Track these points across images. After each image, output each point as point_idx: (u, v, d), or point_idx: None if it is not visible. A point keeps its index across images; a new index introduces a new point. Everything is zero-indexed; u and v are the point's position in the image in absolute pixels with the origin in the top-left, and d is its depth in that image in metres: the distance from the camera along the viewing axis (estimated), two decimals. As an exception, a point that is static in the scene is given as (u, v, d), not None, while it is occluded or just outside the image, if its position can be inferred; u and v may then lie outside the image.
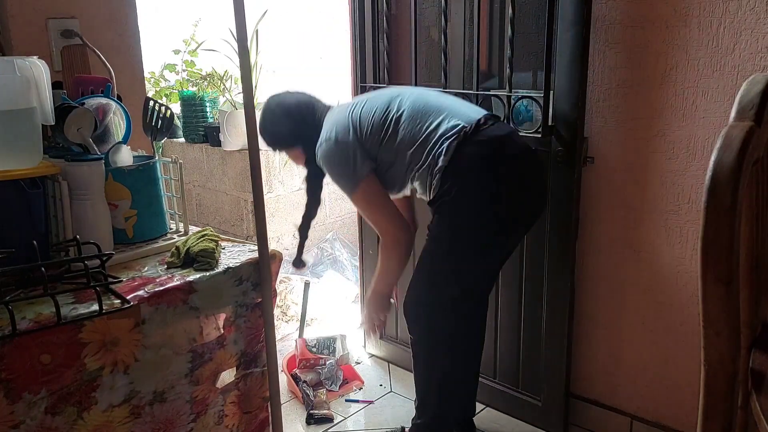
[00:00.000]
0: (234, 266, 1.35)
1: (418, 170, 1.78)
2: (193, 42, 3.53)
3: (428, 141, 1.75)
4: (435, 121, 1.77)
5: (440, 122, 1.76)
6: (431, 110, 1.80)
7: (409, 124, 1.79)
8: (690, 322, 1.89)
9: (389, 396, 2.44)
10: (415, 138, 1.77)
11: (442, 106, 1.81)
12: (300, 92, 2.06)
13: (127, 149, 1.47)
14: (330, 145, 1.85)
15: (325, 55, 3.70)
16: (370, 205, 1.89)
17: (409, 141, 1.78)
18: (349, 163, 1.83)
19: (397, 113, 1.82)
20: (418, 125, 1.78)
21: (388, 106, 1.84)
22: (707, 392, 0.85)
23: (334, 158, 1.86)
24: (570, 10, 1.82)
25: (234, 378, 1.40)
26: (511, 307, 2.19)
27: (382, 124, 1.82)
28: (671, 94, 1.80)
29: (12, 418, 1.05)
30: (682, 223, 1.85)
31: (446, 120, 1.76)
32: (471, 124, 1.74)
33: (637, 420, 2.06)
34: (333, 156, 1.86)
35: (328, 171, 1.91)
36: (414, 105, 1.82)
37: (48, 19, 1.68)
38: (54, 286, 1.17)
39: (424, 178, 1.78)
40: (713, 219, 0.76)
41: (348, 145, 1.83)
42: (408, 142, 1.78)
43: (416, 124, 1.78)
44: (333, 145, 1.85)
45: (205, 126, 3.35)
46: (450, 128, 1.74)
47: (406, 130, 1.79)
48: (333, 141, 1.85)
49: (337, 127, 1.86)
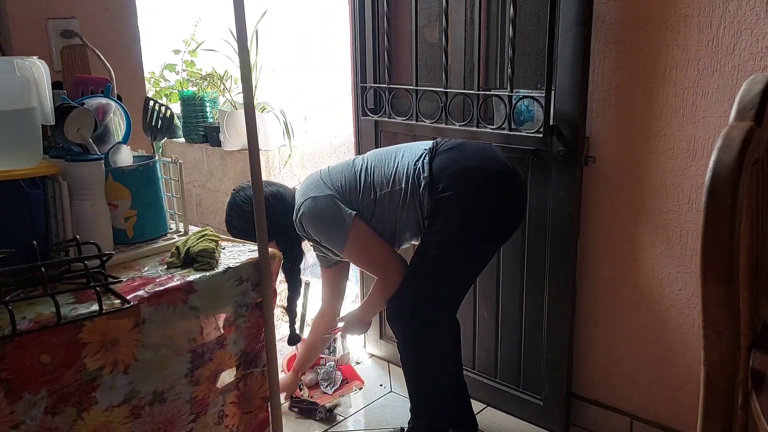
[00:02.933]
0: (234, 266, 1.35)
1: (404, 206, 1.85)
2: (193, 42, 3.53)
3: (400, 173, 1.87)
4: (398, 156, 1.91)
5: (403, 155, 1.91)
6: (391, 151, 1.96)
7: (377, 166, 1.91)
8: (690, 322, 1.89)
9: (389, 396, 2.44)
10: (388, 176, 1.88)
11: (400, 146, 1.98)
12: (270, 183, 2.04)
13: (127, 149, 1.47)
14: (309, 204, 1.88)
15: (325, 55, 3.70)
16: (366, 247, 1.89)
17: (383, 182, 1.88)
18: (335, 212, 1.85)
19: (363, 164, 1.94)
20: (386, 165, 1.90)
21: (352, 163, 1.96)
22: (707, 392, 0.85)
23: (317, 216, 1.88)
24: (571, 10, 1.82)
25: (234, 378, 1.39)
26: (512, 307, 2.19)
27: (355, 177, 1.90)
28: (671, 94, 1.80)
29: (12, 418, 1.05)
30: (682, 223, 1.85)
31: (407, 152, 1.91)
32: (431, 145, 1.90)
33: (637, 420, 2.06)
34: (314, 215, 1.88)
35: (314, 232, 1.90)
36: (375, 154, 1.97)
37: (48, 19, 1.68)
38: (54, 286, 1.17)
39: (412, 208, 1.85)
40: (713, 219, 0.76)
41: (326, 198, 1.87)
42: (382, 183, 1.88)
43: (384, 165, 1.91)
44: (312, 203, 1.88)
45: (205, 126, 3.36)
46: (415, 155, 1.88)
47: (377, 173, 1.90)
48: (311, 199, 1.88)
49: (311, 188, 1.91)
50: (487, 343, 2.29)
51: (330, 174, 1.95)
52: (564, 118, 1.91)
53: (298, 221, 1.92)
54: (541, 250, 2.06)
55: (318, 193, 1.88)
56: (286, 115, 3.28)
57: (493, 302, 2.22)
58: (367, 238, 1.87)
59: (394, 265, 1.89)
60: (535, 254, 2.08)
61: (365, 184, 1.88)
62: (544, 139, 1.95)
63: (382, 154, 1.95)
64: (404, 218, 1.86)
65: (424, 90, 2.22)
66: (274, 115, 3.26)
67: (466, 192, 1.81)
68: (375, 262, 1.91)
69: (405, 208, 1.85)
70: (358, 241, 1.86)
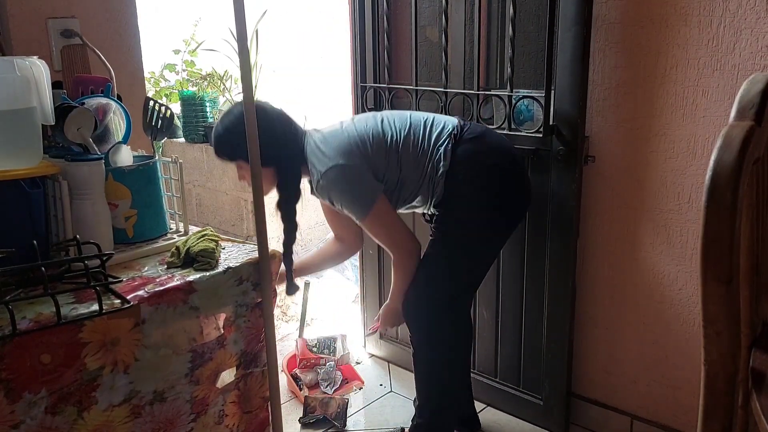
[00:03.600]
0: (234, 266, 1.35)
1: (421, 181, 1.83)
2: (193, 42, 3.53)
3: (426, 151, 1.82)
4: (426, 132, 1.85)
5: (430, 131, 1.85)
6: (417, 123, 1.88)
7: (405, 139, 1.85)
8: (690, 322, 1.89)
9: (389, 396, 2.44)
10: (416, 149, 1.83)
11: (424, 117, 1.90)
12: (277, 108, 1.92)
13: (127, 149, 1.47)
14: (337, 172, 1.80)
15: (325, 55, 3.70)
16: (385, 223, 1.85)
17: (410, 154, 1.83)
18: (362, 185, 1.80)
19: (392, 132, 1.86)
20: (414, 137, 1.84)
21: (381, 125, 1.87)
22: (707, 392, 0.85)
23: (345, 184, 1.81)
24: (571, 10, 1.81)
25: (234, 378, 1.39)
26: (512, 307, 2.19)
27: (384, 144, 1.83)
28: (671, 93, 1.80)
29: (12, 418, 1.05)
30: (682, 222, 1.85)
31: (433, 127, 1.86)
32: (456, 127, 1.84)
33: (637, 420, 2.06)
34: (343, 181, 1.81)
35: (337, 197, 1.83)
36: (401, 121, 1.89)
37: (48, 19, 1.68)
38: (54, 286, 1.17)
39: (426, 187, 1.83)
40: (713, 218, 0.76)
41: (358, 168, 1.80)
42: (409, 158, 1.83)
43: (413, 136, 1.85)
44: (340, 171, 1.79)
45: (205, 126, 3.35)
46: (441, 134, 1.83)
47: (406, 146, 1.84)
48: (341, 166, 1.79)
49: (340, 152, 1.81)
50: (487, 343, 2.29)
51: (358, 134, 1.84)
52: (564, 117, 1.91)
53: (319, 182, 1.82)
54: (541, 249, 2.06)
55: (348, 161, 1.79)
56: (286, 115, 3.27)
57: (494, 302, 2.22)
58: (387, 214, 1.83)
59: (408, 244, 1.87)
60: (535, 254, 2.08)
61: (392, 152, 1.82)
62: (543, 138, 1.95)
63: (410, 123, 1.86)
64: (418, 192, 1.85)
65: (423, 90, 2.22)
66: (274, 115, 3.25)
67: (484, 190, 1.82)
68: (391, 238, 1.87)
69: (422, 184, 1.83)
70: (378, 217, 1.82)
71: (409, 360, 2.03)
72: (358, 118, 1.92)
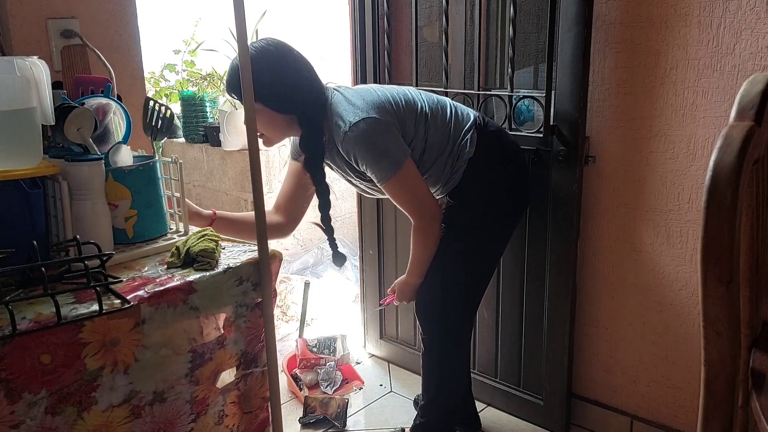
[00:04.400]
0: (234, 266, 1.35)
1: (441, 157, 1.80)
2: (193, 42, 3.53)
3: (452, 131, 1.81)
4: (452, 113, 1.84)
5: (456, 114, 1.84)
6: (444, 103, 1.86)
7: (434, 113, 1.80)
8: (690, 322, 1.89)
9: (389, 396, 2.44)
10: (441, 127, 1.81)
11: (448, 100, 1.89)
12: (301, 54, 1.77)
13: (127, 149, 1.47)
14: (371, 123, 1.65)
15: (325, 55, 3.70)
16: (412, 186, 1.73)
17: (437, 130, 1.80)
18: (394, 142, 1.69)
19: (422, 104, 1.80)
20: (441, 116, 1.81)
21: (412, 96, 1.81)
22: (707, 392, 0.85)
23: (378, 136, 1.67)
24: (571, 10, 1.82)
25: (234, 378, 1.39)
26: (512, 307, 2.19)
27: (414, 111, 1.77)
28: (671, 93, 1.80)
29: (12, 418, 1.05)
30: (682, 223, 1.85)
31: (459, 112, 1.85)
32: (478, 117, 1.85)
33: (637, 420, 2.06)
34: (375, 134, 1.66)
35: (364, 152, 1.67)
36: (429, 97, 1.85)
37: (48, 19, 1.68)
38: (54, 286, 1.17)
39: (444, 166, 1.81)
40: (713, 218, 0.76)
41: (390, 124, 1.69)
42: (436, 131, 1.80)
43: (439, 115, 1.81)
44: (375, 123, 1.66)
45: (205, 126, 3.35)
46: (465, 120, 1.83)
47: (435, 119, 1.80)
48: (374, 119, 1.66)
49: (372, 106, 1.69)
50: (487, 343, 2.29)
51: (390, 95, 1.76)
52: (564, 117, 1.91)
53: (347, 133, 1.66)
54: (541, 249, 2.06)
55: (381, 116, 1.67)
56: (286, 115, 3.27)
57: (494, 302, 2.22)
58: (414, 177, 1.72)
59: (434, 209, 1.76)
60: (535, 254, 2.08)
61: (420, 121, 1.76)
62: (544, 138, 1.95)
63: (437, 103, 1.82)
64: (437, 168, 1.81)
65: (424, 90, 2.22)
66: (274, 115, 3.25)
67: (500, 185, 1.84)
68: (417, 202, 1.74)
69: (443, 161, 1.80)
70: (406, 179, 1.70)
71: (409, 360, 2.05)
72: (385, 86, 1.85)
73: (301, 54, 1.75)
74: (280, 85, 1.66)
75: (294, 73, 1.68)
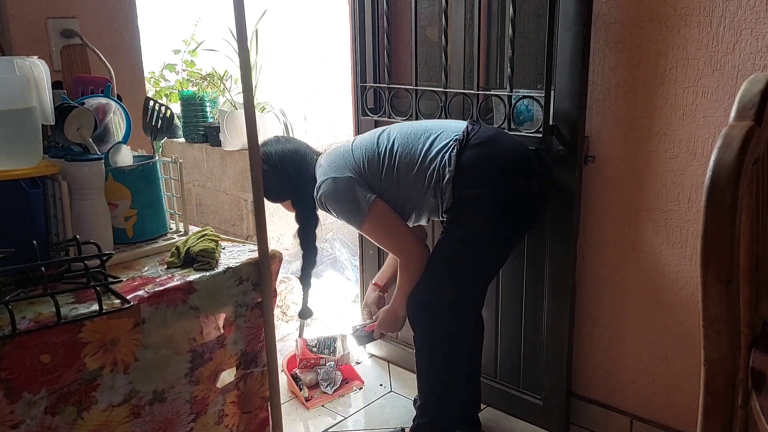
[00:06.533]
0: (234, 266, 1.35)
1: (425, 191, 1.83)
2: (193, 42, 3.53)
3: (427, 161, 1.83)
4: (427, 142, 1.86)
5: (432, 141, 1.85)
6: (420, 133, 1.89)
7: (402, 151, 1.87)
8: (690, 322, 1.89)
9: (389, 396, 2.44)
10: (413, 162, 1.84)
11: (429, 127, 1.91)
12: (290, 140, 2.05)
13: (127, 149, 1.47)
14: (329, 185, 1.88)
15: (325, 55, 3.70)
16: (384, 228, 1.88)
17: (407, 167, 1.85)
18: (353, 195, 1.85)
19: (388, 144, 1.89)
20: (412, 150, 1.86)
21: (377, 141, 1.91)
22: (707, 392, 0.85)
23: (337, 195, 1.87)
24: (571, 10, 1.81)
25: (234, 378, 1.39)
26: (512, 307, 2.19)
27: (378, 158, 1.88)
28: (671, 93, 1.80)
29: (12, 418, 1.05)
30: (682, 222, 1.85)
31: (437, 138, 1.85)
32: (462, 133, 1.84)
33: (637, 420, 2.06)
34: (335, 194, 1.87)
35: (333, 209, 1.91)
36: (402, 133, 1.91)
37: (48, 19, 1.68)
38: (54, 286, 1.17)
39: (432, 195, 1.83)
40: (713, 218, 0.76)
41: (347, 180, 1.86)
42: (407, 168, 1.85)
43: (410, 150, 1.86)
44: (332, 184, 1.87)
45: (205, 126, 3.35)
46: (444, 144, 1.83)
47: (402, 157, 1.86)
48: (331, 180, 1.87)
49: (332, 168, 1.90)
50: (487, 343, 2.28)
51: (353, 152, 1.92)
52: (564, 117, 1.91)
53: (318, 198, 1.92)
54: (541, 249, 2.06)
55: (338, 174, 1.87)
56: (286, 115, 3.28)
57: (494, 302, 2.22)
58: (385, 220, 1.87)
59: (413, 246, 1.88)
60: (535, 253, 2.08)
61: (387, 168, 1.86)
62: (543, 138, 1.95)
63: (410, 136, 1.89)
64: (423, 203, 1.86)
65: (423, 90, 2.22)
66: (274, 115, 3.26)
67: (493, 195, 1.80)
68: (394, 242, 1.91)
69: (426, 195, 1.84)
70: (375, 224, 1.86)
71: (409, 360, 2.05)
72: (360, 138, 1.98)
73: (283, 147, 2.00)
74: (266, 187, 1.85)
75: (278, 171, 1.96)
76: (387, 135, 1.92)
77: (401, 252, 1.90)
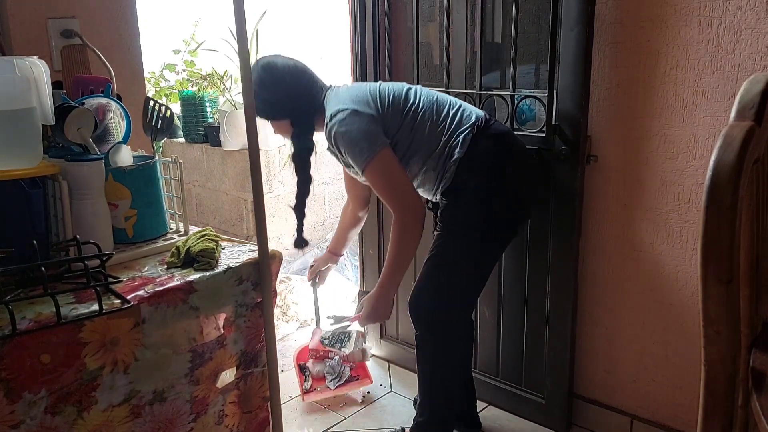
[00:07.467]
0: (234, 266, 1.35)
1: (431, 158, 1.82)
2: (193, 42, 3.53)
3: (445, 130, 1.82)
4: (450, 113, 1.84)
5: (454, 114, 1.84)
6: (444, 102, 1.87)
7: (426, 111, 1.84)
8: (690, 322, 1.89)
9: (389, 396, 2.44)
10: (433, 125, 1.83)
11: (451, 100, 1.90)
12: (296, 60, 1.95)
13: (127, 149, 1.47)
14: (346, 114, 1.78)
15: (325, 55, 3.70)
16: (389, 175, 1.78)
17: (426, 127, 1.82)
18: (368, 132, 1.76)
19: (414, 101, 1.86)
20: (435, 114, 1.84)
21: (405, 92, 1.88)
22: (707, 392, 0.85)
23: (353, 126, 1.77)
24: (573, 10, 1.82)
25: (234, 378, 1.39)
26: (514, 306, 2.19)
27: (402, 107, 1.84)
28: (671, 93, 1.79)
29: (12, 418, 1.05)
30: (682, 222, 1.85)
31: (459, 112, 1.85)
32: (481, 119, 1.83)
33: (638, 420, 2.06)
34: (348, 123, 1.77)
35: (342, 141, 1.79)
36: (428, 96, 1.89)
37: (48, 19, 1.68)
38: (54, 286, 1.17)
39: (435, 166, 1.82)
40: (713, 218, 0.76)
41: (368, 116, 1.78)
42: (425, 128, 1.82)
43: (433, 113, 1.84)
44: (349, 113, 1.78)
45: (205, 126, 3.36)
46: (464, 121, 1.82)
47: (425, 116, 1.83)
48: (350, 111, 1.78)
49: (354, 100, 1.81)
50: (488, 342, 2.29)
51: (379, 92, 1.85)
52: (566, 117, 1.91)
53: (331, 125, 1.81)
54: (542, 249, 2.06)
55: (362, 109, 1.78)
56: (287, 115, 3.27)
57: (495, 301, 2.22)
58: (392, 167, 1.78)
59: (415, 205, 1.78)
60: (536, 253, 2.08)
61: (409, 119, 1.82)
62: (546, 138, 1.95)
63: (437, 101, 1.86)
64: (425, 171, 1.84)
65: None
66: (274, 115, 3.25)
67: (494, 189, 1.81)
68: (395, 193, 1.79)
69: (429, 162, 1.82)
70: (381, 167, 1.77)
71: (409, 360, 2.04)
72: (387, 83, 1.93)
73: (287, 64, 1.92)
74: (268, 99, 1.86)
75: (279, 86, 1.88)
76: (414, 92, 1.89)
77: (401, 207, 1.79)
